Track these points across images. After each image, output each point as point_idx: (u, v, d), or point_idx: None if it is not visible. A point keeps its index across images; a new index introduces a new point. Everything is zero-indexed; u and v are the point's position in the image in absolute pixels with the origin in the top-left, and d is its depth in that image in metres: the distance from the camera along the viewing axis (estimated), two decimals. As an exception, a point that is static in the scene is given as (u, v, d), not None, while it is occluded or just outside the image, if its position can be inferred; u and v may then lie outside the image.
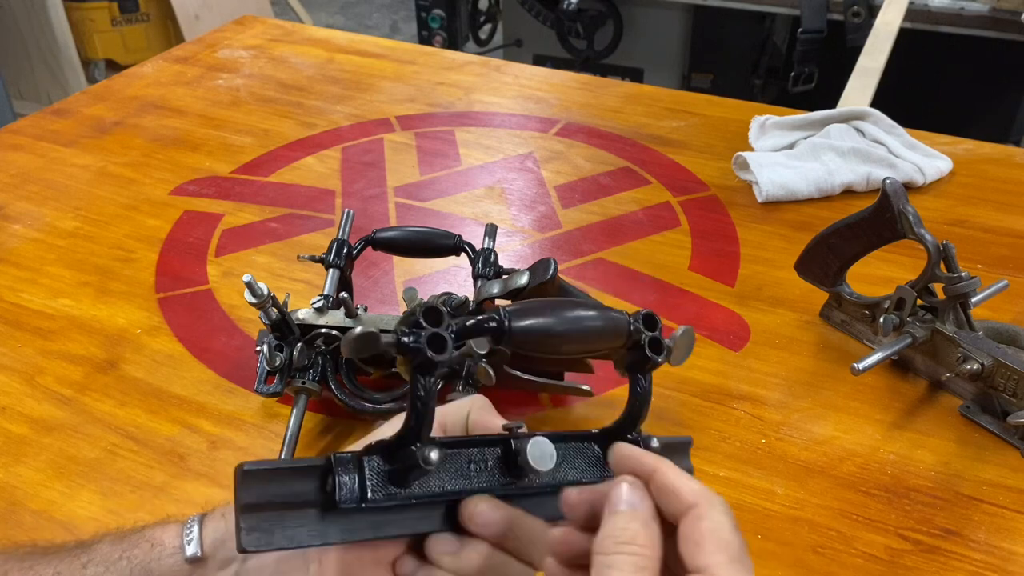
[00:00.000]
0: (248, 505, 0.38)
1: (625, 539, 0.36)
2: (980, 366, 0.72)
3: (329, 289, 0.77)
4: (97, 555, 0.46)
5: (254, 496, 0.38)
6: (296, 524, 0.39)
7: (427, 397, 0.40)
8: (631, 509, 0.37)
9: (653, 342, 0.46)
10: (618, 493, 0.37)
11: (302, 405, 0.72)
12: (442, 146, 1.22)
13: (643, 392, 0.47)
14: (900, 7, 1.71)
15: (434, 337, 0.39)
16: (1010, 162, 1.15)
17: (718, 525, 0.35)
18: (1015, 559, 0.63)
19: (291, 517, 0.39)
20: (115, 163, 1.18)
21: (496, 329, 0.41)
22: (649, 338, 0.46)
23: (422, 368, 0.39)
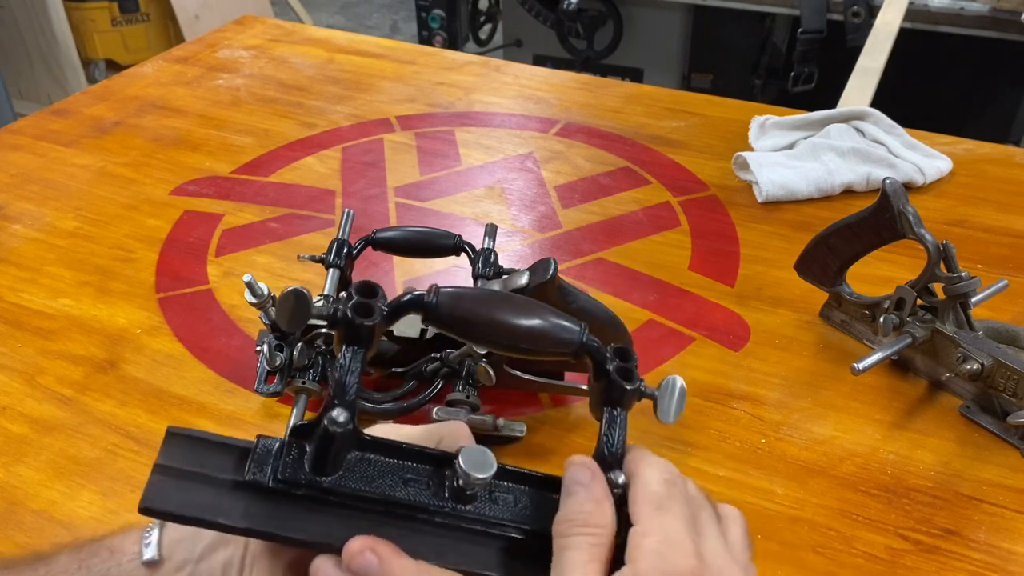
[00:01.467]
0: (163, 466, 0.38)
1: (580, 521, 0.38)
2: (980, 366, 0.72)
3: (329, 289, 0.77)
4: (56, 567, 0.45)
5: (173, 459, 0.38)
6: (199, 496, 0.38)
7: (345, 370, 0.38)
8: (584, 490, 0.39)
9: (622, 371, 0.43)
10: (571, 475, 0.40)
11: (302, 405, 0.72)
12: (442, 146, 1.22)
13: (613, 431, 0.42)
14: (900, 7, 1.71)
15: (360, 305, 0.39)
16: (1010, 162, 1.15)
17: (646, 480, 0.40)
18: (1015, 559, 0.63)
19: (200, 490, 0.38)
20: (115, 163, 1.18)
21: (423, 304, 0.41)
22: (618, 366, 0.43)
23: (349, 336, 0.39)
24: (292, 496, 0.39)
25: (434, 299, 0.42)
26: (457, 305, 0.42)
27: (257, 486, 0.38)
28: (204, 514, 0.37)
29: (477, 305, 0.43)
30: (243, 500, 0.38)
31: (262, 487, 0.38)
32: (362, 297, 0.40)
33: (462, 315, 0.42)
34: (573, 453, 0.46)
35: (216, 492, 0.38)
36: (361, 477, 0.40)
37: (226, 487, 0.38)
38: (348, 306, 0.39)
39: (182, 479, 0.38)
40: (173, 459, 0.39)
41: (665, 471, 0.41)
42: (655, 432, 0.73)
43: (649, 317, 0.88)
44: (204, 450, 0.39)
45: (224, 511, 0.38)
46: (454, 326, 0.43)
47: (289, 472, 0.39)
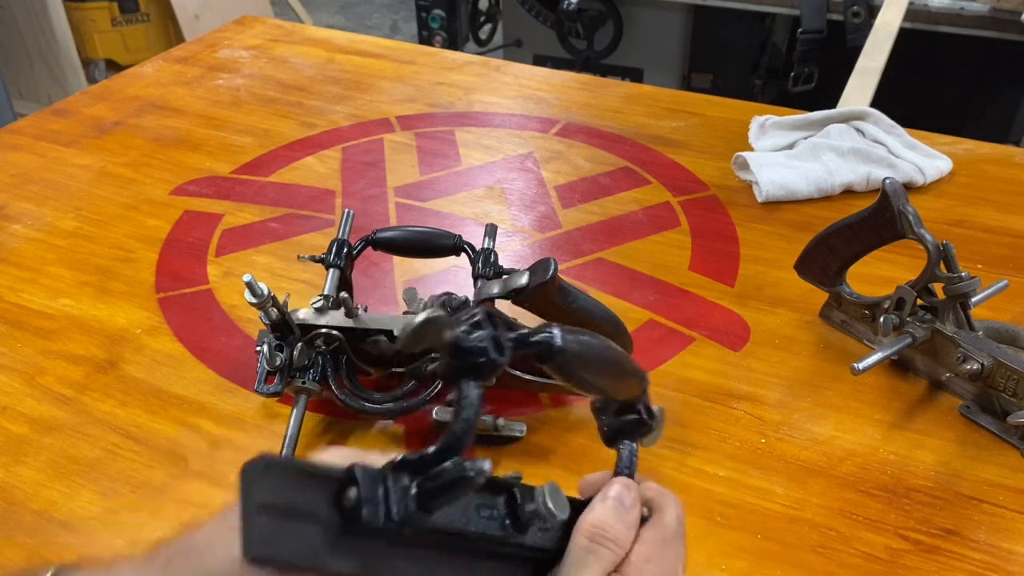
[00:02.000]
0: (264, 505, 0.33)
1: (611, 536, 0.41)
2: (980, 366, 0.72)
3: (329, 289, 0.77)
4: None
5: (272, 494, 0.34)
6: (305, 536, 0.34)
7: (477, 406, 0.36)
8: (625, 511, 0.42)
9: (648, 410, 0.48)
10: (617, 491, 0.43)
11: (302, 405, 0.72)
12: (442, 146, 1.22)
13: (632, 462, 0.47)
14: (900, 7, 1.71)
15: (496, 341, 0.36)
16: (1010, 162, 1.15)
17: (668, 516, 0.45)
18: (1015, 559, 0.63)
19: (299, 528, 0.34)
20: (115, 163, 1.18)
21: (546, 347, 0.40)
22: (645, 405, 0.48)
23: (477, 371, 0.36)
24: (396, 534, 0.36)
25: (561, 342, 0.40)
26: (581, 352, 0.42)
27: (368, 527, 0.35)
28: (315, 561, 0.34)
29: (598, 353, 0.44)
30: (350, 539, 0.35)
31: (373, 527, 0.35)
32: (491, 327, 0.37)
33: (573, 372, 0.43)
34: (573, 453, 0.47)
35: (323, 532, 0.35)
36: (449, 512, 0.38)
37: (333, 526, 0.35)
38: (490, 339, 0.36)
39: (286, 519, 0.34)
40: (273, 496, 0.34)
41: (679, 509, 0.46)
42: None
43: (649, 317, 0.88)
44: (301, 482, 0.35)
45: (335, 555, 0.35)
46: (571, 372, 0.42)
47: (402, 512, 0.36)
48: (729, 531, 0.65)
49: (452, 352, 0.36)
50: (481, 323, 0.37)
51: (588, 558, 0.41)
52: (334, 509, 0.35)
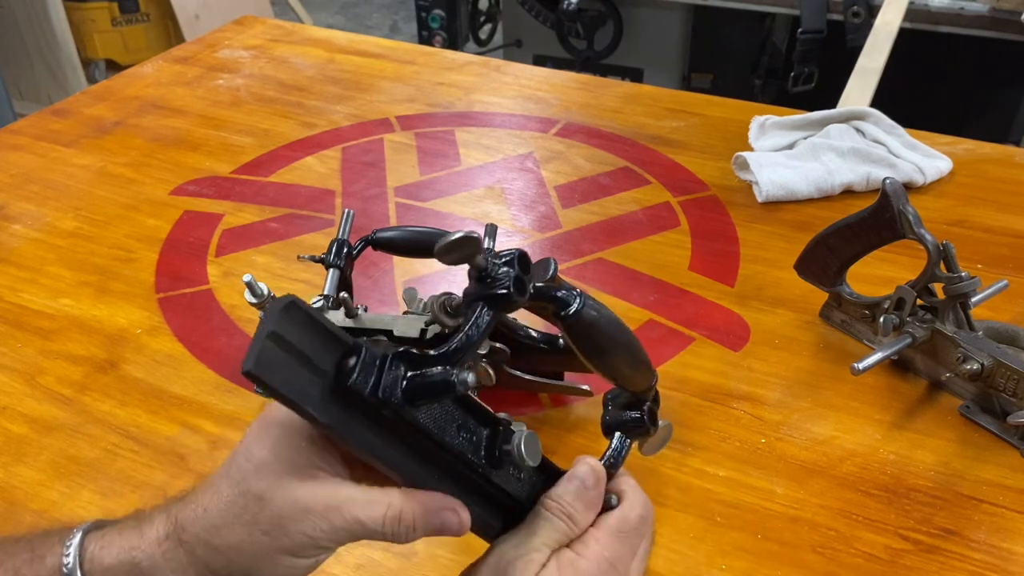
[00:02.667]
0: (277, 335, 0.37)
1: (567, 512, 0.44)
2: (980, 366, 0.72)
3: (329, 289, 0.77)
4: None
5: (287, 332, 0.37)
6: (299, 375, 0.38)
7: (483, 329, 0.40)
8: (586, 491, 0.44)
9: (652, 415, 0.49)
10: (582, 471, 0.45)
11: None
12: (442, 146, 1.22)
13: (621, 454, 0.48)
14: (900, 7, 1.71)
15: (519, 281, 0.40)
16: (1010, 162, 1.15)
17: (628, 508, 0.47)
18: (1015, 559, 0.63)
19: (297, 367, 0.38)
20: (115, 163, 1.18)
21: (568, 306, 0.43)
22: (650, 408, 0.49)
23: (495, 301, 0.40)
24: (374, 411, 0.39)
25: (580, 305, 0.43)
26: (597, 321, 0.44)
27: (353, 392, 0.39)
28: (298, 399, 0.37)
29: (609, 326, 0.45)
30: (336, 399, 0.39)
31: (358, 394, 0.39)
32: (523, 270, 0.41)
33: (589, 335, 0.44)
34: (573, 453, 0.47)
35: (314, 381, 0.38)
36: (430, 415, 0.41)
37: (326, 380, 0.39)
38: (512, 280, 0.40)
39: (289, 355, 0.38)
40: (287, 332, 0.38)
41: (647, 511, 0.47)
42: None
43: (649, 317, 0.88)
44: (315, 334, 0.39)
45: (316, 403, 0.38)
46: (577, 338, 0.44)
47: (389, 395, 0.39)
48: (729, 531, 0.65)
49: (478, 276, 0.40)
50: (513, 262, 0.41)
51: (541, 525, 0.44)
52: (333, 369, 0.39)
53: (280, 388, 0.37)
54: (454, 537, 0.42)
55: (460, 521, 0.41)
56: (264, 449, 0.41)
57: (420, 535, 0.41)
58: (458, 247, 0.39)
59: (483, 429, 0.44)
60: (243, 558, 0.39)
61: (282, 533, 0.39)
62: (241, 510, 0.40)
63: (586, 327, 0.43)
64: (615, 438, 0.49)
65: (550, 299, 0.43)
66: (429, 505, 0.41)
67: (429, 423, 0.41)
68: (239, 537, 0.39)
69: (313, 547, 0.40)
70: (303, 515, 0.39)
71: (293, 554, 0.40)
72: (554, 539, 0.44)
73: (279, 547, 0.39)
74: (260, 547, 0.39)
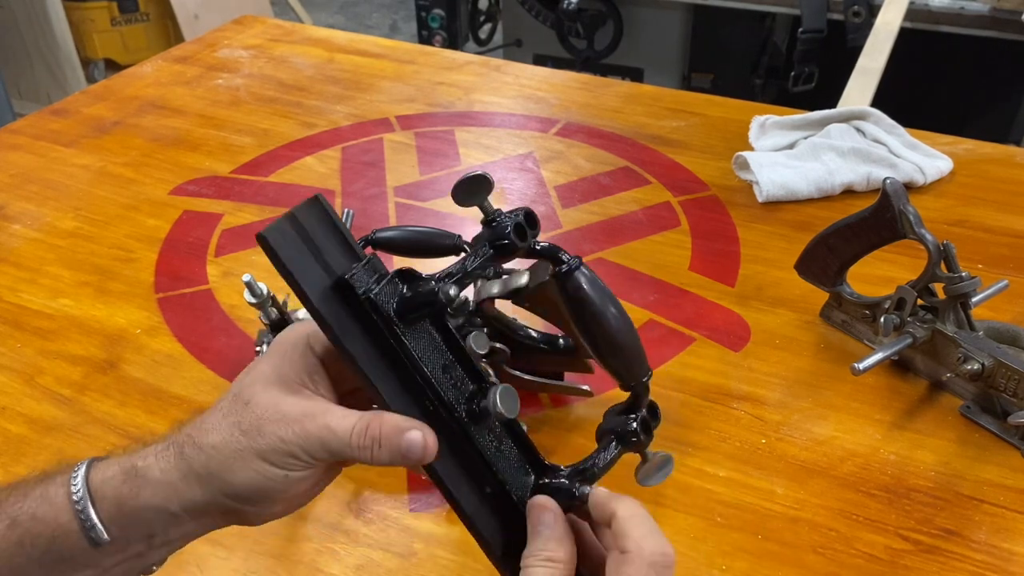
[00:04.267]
0: (295, 219, 0.41)
1: (544, 556, 0.42)
2: (980, 366, 0.72)
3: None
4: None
5: (305, 219, 0.42)
6: (305, 257, 0.41)
7: (480, 262, 0.43)
8: (548, 529, 0.43)
9: (645, 424, 0.47)
10: (535, 517, 0.43)
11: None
12: (442, 146, 1.22)
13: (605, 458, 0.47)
14: (900, 7, 1.71)
15: (521, 229, 0.43)
16: (1010, 162, 1.15)
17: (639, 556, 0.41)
18: (1015, 559, 0.63)
19: (307, 256, 0.41)
20: (115, 163, 1.18)
21: (563, 264, 0.45)
22: (643, 417, 0.47)
23: (496, 241, 0.43)
24: (366, 317, 0.42)
25: (573, 266, 0.45)
26: (590, 285, 0.46)
27: (349, 288, 0.42)
28: (297, 274, 0.41)
29: (602, 296, 0.46)
30: (332, 292, 0.42)
31: (353, 293, 0.42)
32: (529, 225, 0.44)
33: (584, 295, 0.46)
34: (573, 453, 0.47)
35: (316, 268, 0.41)
36: (419, 343, 0.43)
37: (327, 271, 0.42)
38: (513, 224, 0.43)
39: (301, 238, 0.41)
40: (305, 219, 0.42)
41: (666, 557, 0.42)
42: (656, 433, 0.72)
43: (649, 317, 0.88)
44: (330, 231, 0.43)
45: (313, 285, 0.41)
46: (570, 298, 0.46)
47: (380, 299, 0.42)
48: (729, 531, 0.65)
49: (486, 221, 0.44)
50: (519, 213, 0.44)
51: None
52: (339, 270, 0.42)
53: (285, 261, 0.40)
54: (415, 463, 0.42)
55: (425, 444, 0.41)
56: (266, 364, 0.44)
57: (386, 456, 0.41)
58: (469, 185, 0.43)
59: (470, 384, 0.44)
60: (220, 456, 0.41)
61: (258, 434, 0.41)
62: (228, 411, 0.42)
63: (576, 288, 0.45)
64: (601, 443, 0.48)
65: (549, 255, 0.45)
66: (398, 423, 0.42)
67: (415, 348, 0.43)
68: (221, 436, 0.42)
69: (285, 453, 0.41)
70: (280, 419, 0.41)
71: (265, 458, 0.41)
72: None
73: (253, 448, 0.41)
74: (237, 446, 0.41)
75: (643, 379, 0.47)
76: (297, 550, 0.65)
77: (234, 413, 0.42)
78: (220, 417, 0.42)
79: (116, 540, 0.41)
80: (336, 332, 0.41)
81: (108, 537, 0.41)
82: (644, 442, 0.47)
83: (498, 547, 0.45)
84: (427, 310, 0.42)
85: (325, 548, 0.65)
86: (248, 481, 0.41)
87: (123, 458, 0.43)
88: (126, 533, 0.42)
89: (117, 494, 0.42)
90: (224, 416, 0.42)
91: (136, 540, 0.42)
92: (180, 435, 0.43)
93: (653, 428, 0.48)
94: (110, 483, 0.42)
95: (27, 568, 0.41)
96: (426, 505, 0.68)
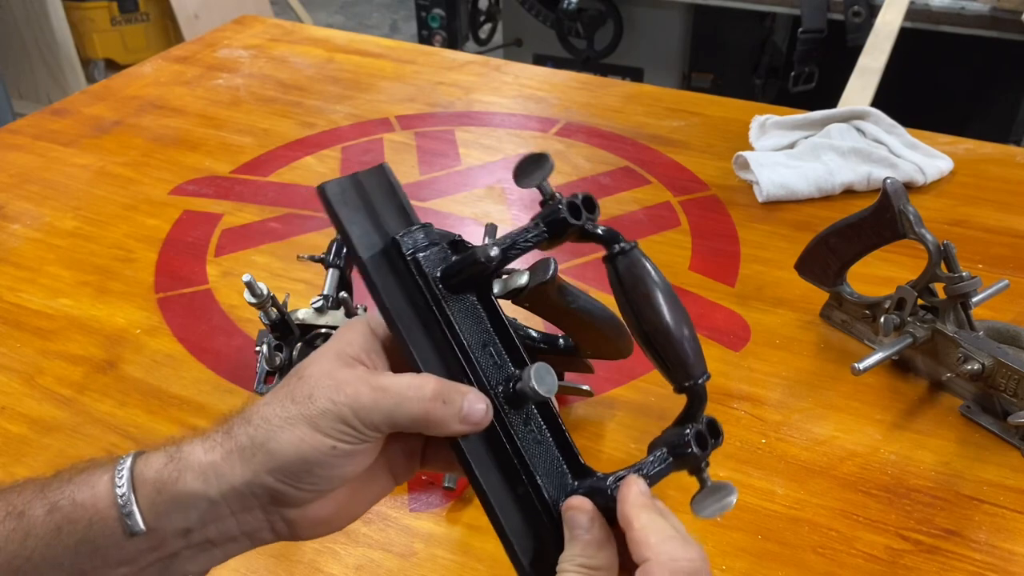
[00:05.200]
0: (358, 181, 0.44)
1: (580, 563, 0.40)
2: (981, 366, 0.72)
3: (329, 289, 0.77)
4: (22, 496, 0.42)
5: (367, 184, 0.44)
6: (358, 218, 0.43)
7: (532, 236, 0.43)
8: (585, 533, 0.40)
9: (701, 439, 0.43)
10: (570, 519, 0.41)
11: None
12: (442, 146, 1.22)
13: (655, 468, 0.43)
14: (900, 7, 1.71)
15: (574, 206, 0.43)
16: (1011, 162, 1.15)
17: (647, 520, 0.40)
18: (1016, 559, 0.63)
19: (363, 216, 0.43)
20: (114, 163, 1.18)
21: (616, 245, 0.44)
22: (698, 432, 0.43)
23: (553, 226, 0.43)
24: (412, 281, 0.43)
25: (628, 248, 0.45)
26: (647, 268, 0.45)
27: (398, 250, 0.43)
28: (350, 228, 0.42)
29: (660, 281, 0.46)
30: (382, 253, 0.43)
31: (401, 254, 0.43)
32: (586, 208, 0.43)
33: (639, 277, 0.45)
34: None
35: (369, 227, 0.43)
36: (462, 314, 0.43)
37: (379, 232, 0.43)
38: (566, 203, 0.43)
39: (360, 199, 0.43)
40: (367, 184, 0.44)
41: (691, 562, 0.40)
42: (655, 432, 0.73)
43: (649, 317, 0.87)
44: (390, 198, 0.44)
45: (362, 239, 0.43)
46: (624, 281, 0.45)
47: (426, 263, 0.43)
48: (729, 531, 0.65)
49: (542, 201, 0.44)
50: (577, 196, 0.44)
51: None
52: (392, 233, 0.43)
53: (341, 216, 0.42)
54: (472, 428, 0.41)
55: (486, 407, 0.41)
56: (329, 344, 0.44)
57: (446, 412, 0.40)
58: (528, 163, 0.44)
59: (511, 366, 0.44)
60: (268, 426, 0.40)
61: (309, 400, 0.40)
62: (283, 385, 0.42)
63: (632, 266, 0.44)
64: (652, 453, 0.44)
65: (606, 237, 0.44)
66: (457, 385, 0.41)
67: (456, 318, 0.43)
68: (271, 407, 0.41)
69: (335, 417, 0.40)
70: (333, 384, 0.41)
71: (314, 425, 0.40)
72: None
73: (303, 414, 0.40)
74: (285, 414, 0.40)
75: (699, 379, 0.44)
76: (297, 550, 0.65)
77: (287, 386, 0.42)
78: (274, 392, 0.42)
79: (152, 531, 0.40)
80: (379, 289, 0.42)
81: (144, 527, 0.40)
82: (699, 457, 0.42)
83: (527, 554, 0.42)
84: (468, 271, 0.42)
85: (325, 548, 0.65)
86: (293, 450, 0.40)
87: (171, 446, 0.42)
88: (162, 523, 0.40)
89: (158, 478, 0.40)
90: (277, 391, 0.42)
91: (172, 534, 0.41)
92: (233, 416, 0.43)
93: (712, 446, 0.43)
94: (153, 467, 0.41)
95: (62, 559, 0.40)
96: (426, 505, 0.68)
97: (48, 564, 0.40)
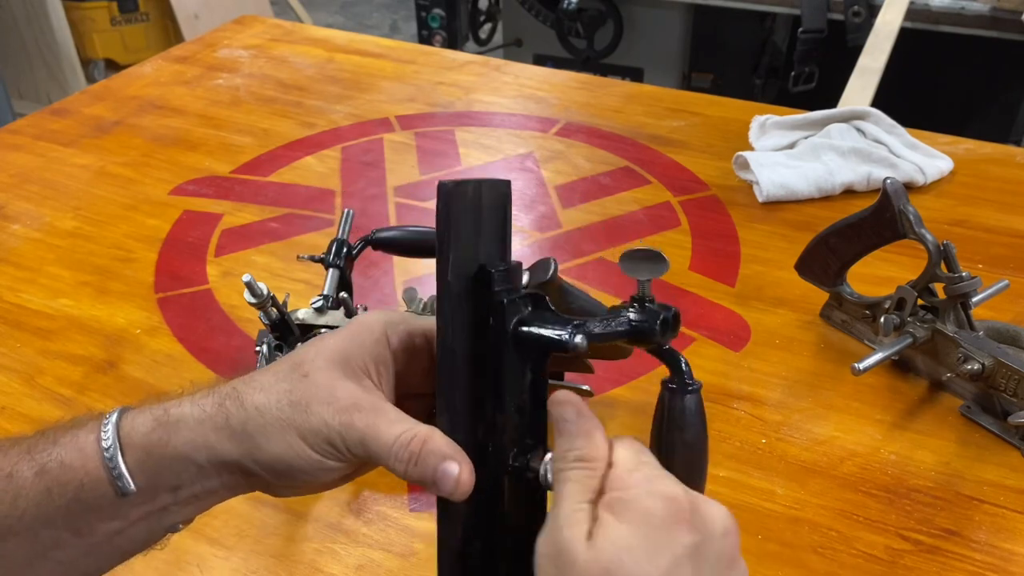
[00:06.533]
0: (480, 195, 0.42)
1: (572, 456, 0.39)
2: (981, 366, 0.72)
3: (329, 289, 0.77)
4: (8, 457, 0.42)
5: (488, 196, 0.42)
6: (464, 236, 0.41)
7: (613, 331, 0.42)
8: (572, 425, 0.40)
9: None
10: (556, 414, 0.41)
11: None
12: (442, 146, 1.22)
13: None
14: (900, 7, 1.71)
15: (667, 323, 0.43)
16: (1011, 162, 1.15)
17: None
18: (1016, 559, 0.63)
19: (469, 233, 0.42)
20: (114, 163, 1.18)
21: (688, 385, 0.46)
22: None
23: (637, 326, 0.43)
24: (485, 317, 0.41)
25: (696, 387, 0.47)
26: (698, 413, 0.47)
27: (487, 282, 0.41)
28: (454, 244, 0.41)
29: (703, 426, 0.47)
30: (470, 279, 0.41)
31: (490, 290, 0.41)
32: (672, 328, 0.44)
33: (691, 424, 0.46)
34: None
35: (469, 249, 0.41)
36: (512, 370, 0.42)
37: (474, 255, 0.42)
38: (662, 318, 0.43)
39: (474, 213, 0.42)
40: (486, 197, 0.42)
41: None
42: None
43: (649, 317, 0.87)
44: (496, 222, 0.43)
45: (457, 260, 0.41)
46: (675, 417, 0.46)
47: (509, 309, 0.41)
48: (729, 531, 0.65)
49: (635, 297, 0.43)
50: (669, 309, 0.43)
51: (560, 487, 0.39)
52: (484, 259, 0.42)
53: (452, 229, 0.40)
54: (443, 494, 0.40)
55: (458, 479, 0.39)
56: (336, 340, 0.42)
57: (416, 475, 0.40)
58: (647, 257, 0.43)
59: (530, 438, 0.43)
60: (261, 420, 0.40)
61: (305, 411, 0.40)
62: (285, 376, 0.41)
63: (686, 411, 0.46)
64: None
65: (675, 366, 0.46)
66: (441, 448, 0.40)
67: (507, 372, 0.41)
68: (268, 400, 0.41)
69: (324, 439, 0.40)
70: (331, 401, 0.40)
71: (304, 438, 0.40)
72: (582, 489, 0.38)
73: (296, 424, 0.40)
74: (280, 415, 0.40)
75: None
76: (297, 550, 0.65)
77: (288, 380, 0.41)
78: (273, 380, 0.41)
79: (142, 490, 0.41)
80: (449, 320, 0.40)
81: (134, 487, 0.40)
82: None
83: None
84: (547, 345, 0.41)
85: (325, 548, 0.65)
86: (280, 455, 0.40)
87: (157, 407, 0.42)
88: (153, 483, 0.41)
89: (147, 442, 0.41)
90: (277, 380, 0.41)
91: (162, 491, 0.41)
92: (225, 386, 0.42)
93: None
94: (140, 430, 0.41)
95: (54, 517, 0.40)
96: (426, 505, 0.68)
97: (40, 523, 0.41)
